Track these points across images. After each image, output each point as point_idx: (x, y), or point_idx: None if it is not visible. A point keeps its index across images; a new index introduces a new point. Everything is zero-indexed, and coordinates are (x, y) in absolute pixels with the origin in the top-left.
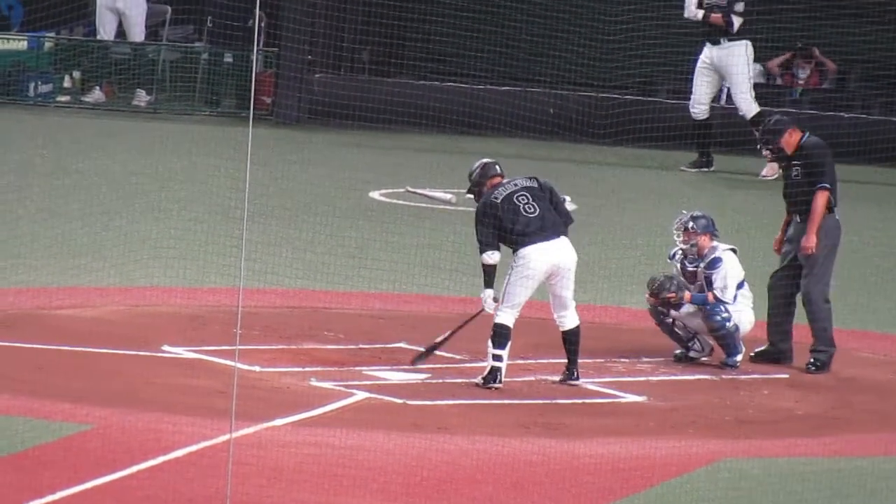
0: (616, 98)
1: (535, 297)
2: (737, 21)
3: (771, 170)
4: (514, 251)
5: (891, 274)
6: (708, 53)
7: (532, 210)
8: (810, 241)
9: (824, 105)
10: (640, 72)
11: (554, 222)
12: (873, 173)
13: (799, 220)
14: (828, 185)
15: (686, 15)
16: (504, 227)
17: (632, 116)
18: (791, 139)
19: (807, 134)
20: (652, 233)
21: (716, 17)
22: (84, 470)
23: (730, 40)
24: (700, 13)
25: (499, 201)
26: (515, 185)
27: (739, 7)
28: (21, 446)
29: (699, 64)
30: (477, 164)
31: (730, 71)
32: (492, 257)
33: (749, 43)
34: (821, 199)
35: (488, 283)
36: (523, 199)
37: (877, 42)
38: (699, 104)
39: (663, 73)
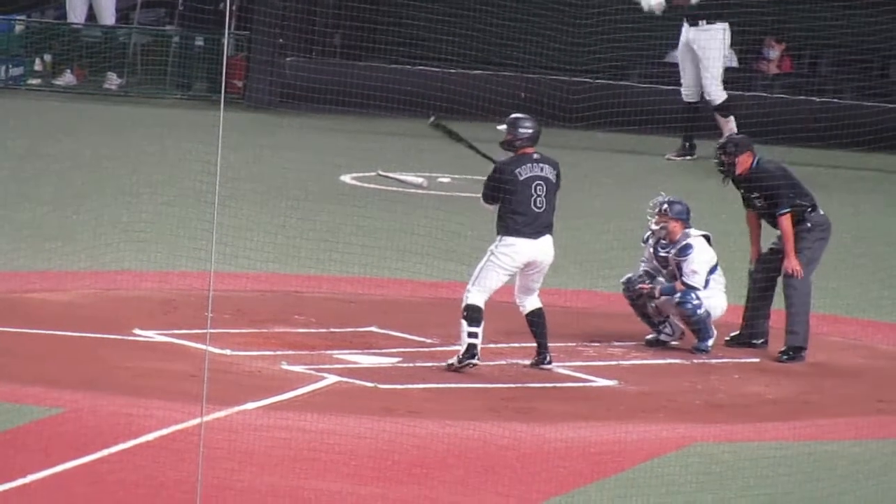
0: (587, 82)
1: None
2: None
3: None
4: (502, 234)
5: (861, 259)
6: (685, 35)
7: (541, 205)
8: (792, 264)
9: (796, 90)
10: (612, 56)
11: (549, 222)
12: (844, 158)
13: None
14: (787, 209)
15: (645, 9)
16: (509, 202)
17: (603, 101)
18: (745, 162)
19: (757, 159)
20: (623, 217)
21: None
22: (55, 454)
23: (708, 22)
24: (658, 5)
25: (521, 179)
26: (541, 169)
27: None
28: None
29: (679, 47)
30: (534, 122)
31: (704, 54)
32: (488, 205)
33: (727, 26)
34: (786, 222)
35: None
36: (539, 190)
37: (848, 26)
38: (688, 87)
39: (635, 58)
